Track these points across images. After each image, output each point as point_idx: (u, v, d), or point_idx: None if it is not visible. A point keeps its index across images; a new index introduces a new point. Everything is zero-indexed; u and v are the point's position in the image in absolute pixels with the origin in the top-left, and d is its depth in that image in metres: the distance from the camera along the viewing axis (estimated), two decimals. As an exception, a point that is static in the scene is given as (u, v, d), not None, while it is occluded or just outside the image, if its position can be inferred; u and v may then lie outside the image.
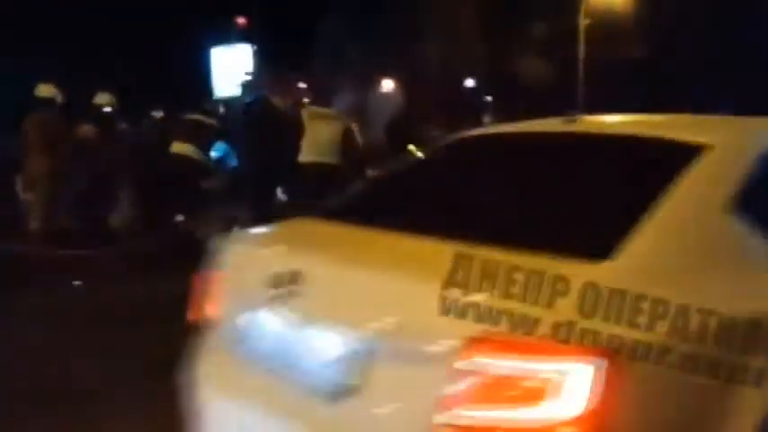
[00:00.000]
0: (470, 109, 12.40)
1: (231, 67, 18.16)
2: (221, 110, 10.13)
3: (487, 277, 1.55)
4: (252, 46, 20.04)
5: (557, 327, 1.44)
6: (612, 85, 17.09)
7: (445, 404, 1.49)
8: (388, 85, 14.56)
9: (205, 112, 7.78)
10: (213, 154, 7.80)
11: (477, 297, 1.51)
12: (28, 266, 6.17)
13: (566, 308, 1.46)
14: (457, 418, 1.48)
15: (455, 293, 1.53)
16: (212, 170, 7.56)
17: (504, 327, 1.47)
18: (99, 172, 8.04)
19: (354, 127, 6.89)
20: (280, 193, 6.30)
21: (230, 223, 7.42)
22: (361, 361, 1.65)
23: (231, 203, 7.04)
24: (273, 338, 1.92)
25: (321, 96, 8.37)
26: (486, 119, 13.36)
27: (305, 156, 6.10)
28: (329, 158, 6.14)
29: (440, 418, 1.49)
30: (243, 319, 2.03)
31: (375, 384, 1.62)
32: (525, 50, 20.15)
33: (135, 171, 8.30)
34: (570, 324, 1.44)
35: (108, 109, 8.39)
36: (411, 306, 1.61)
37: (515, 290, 1.51)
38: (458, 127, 11.93)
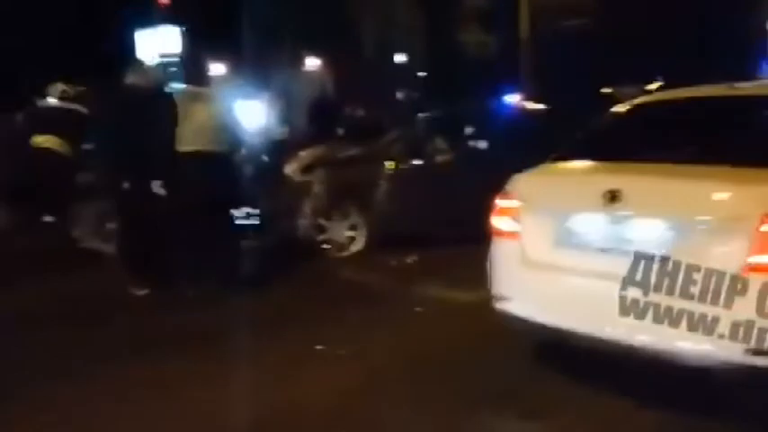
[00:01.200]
0: (396, 86, 11.72)
1: (158, 51, 17.06)
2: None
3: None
4: (180, 27, 18.87)
5: None
6: (556, 56, 16.43)
7: (754, 251, 2.72)
8: (312, 63, 13.69)
9: (67, 98, 6.82)
10: (87, 145, 6.86)
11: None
12: None
13: None
14: (762, 259, 2.73)
15: (753, 188, 2.85)
16: (84, 163, 6.67)
17: None
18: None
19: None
20: (156, 188, 5.40)
21: (105, 220, 6.63)
22: (682, 236, 2.93)
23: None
24: (604, 231, 3.15)
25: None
26: (415, 96, 12.67)
27: (183, 144, 5.22)
28: (211, 146, 5.27)
29: (751, 260, 2.74)
30: (569, 223, 3.28)
31: (693, 250, 2.88)
32: (465, 23, 19.40)
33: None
34: None
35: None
36: (718, 199, 2.93)
37: None
38: (383, 106, 11.25)
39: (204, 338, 4.30)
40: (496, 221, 3.56)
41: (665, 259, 2.88)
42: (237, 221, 6.33)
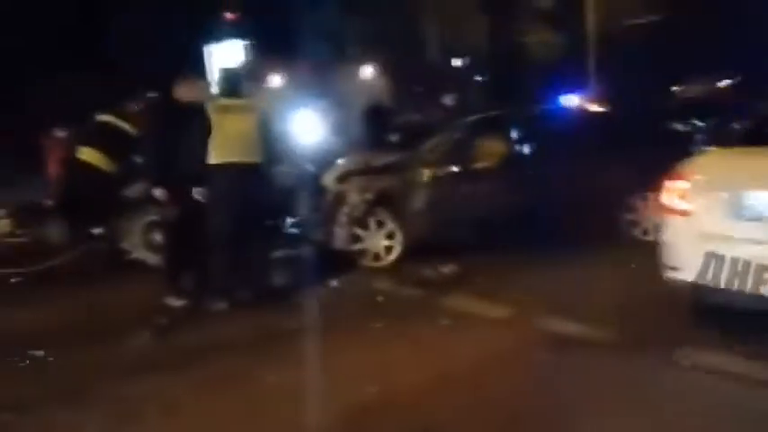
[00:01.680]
0: (454, 90, 11.48)
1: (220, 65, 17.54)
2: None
3: None
4: (244, 41, 19.33)
5: None
6: (624, 55, 15.76)
7: None
8: (369, 70, 13.65)
9: (119, 113, 7.02)
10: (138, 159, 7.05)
11: None
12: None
13: None
14: None
15: None
16: (130, 178, 6.87)
17: None
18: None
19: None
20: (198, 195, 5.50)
21: (152, 232, 6.80)
22: None
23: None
24: None
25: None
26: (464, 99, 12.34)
27: (216, 157, 5.26)
28: (244, 158, 5.29)
29: None
30: (744, 199, 3.88)
31: None
32: (529, 23, 18.92)
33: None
34: None
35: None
36: None
37: None
38: (437, 111, 11.05)
39: (224, 351, 4.32)
40: (669, 201, 4.20)
41: None
42: (273, 232, 6.36)
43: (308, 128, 11.07)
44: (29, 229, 8.98)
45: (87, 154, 6.87)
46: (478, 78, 16.02)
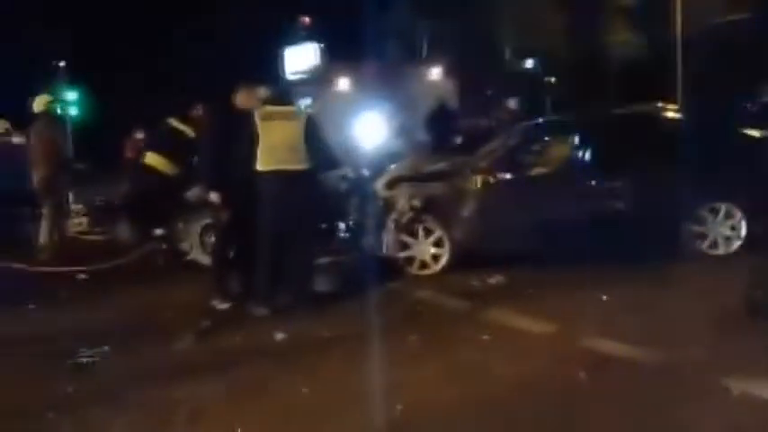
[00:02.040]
0: (521, 92, 11.18)
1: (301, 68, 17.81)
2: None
3: None
4: (319, 44, 19.58)
5: None
6: (711, 57, 14.96)
7: None
8: (436, 70, 13.50)
9: (184, 118, 7.22)
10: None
11: None
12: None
13: None
14: None
15: None
16: (191, 181, 7.05)
17: None
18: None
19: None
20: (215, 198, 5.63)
21: (208, 232, 6.96)
22: None
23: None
24: None
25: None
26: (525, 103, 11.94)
27: (262, 163, 5.32)
28: (289, 164, 5.30)
29: None
30: None
31: None
32: (611, 23, 18.25)
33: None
34: None
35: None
36: None
37: None
38: (502, 115, 10.77)
39: (259, 358, 4.33)
40: None
41: None
42: (324, 237, 6.36)
43: (371, 131, 11.10)
44: (103, 228, 9.42)
45: (151, 158, 7.12)
46: (551, 80, 15.57)
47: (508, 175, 6.22)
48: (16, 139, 9.47)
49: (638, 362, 3.89)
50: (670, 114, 8.80)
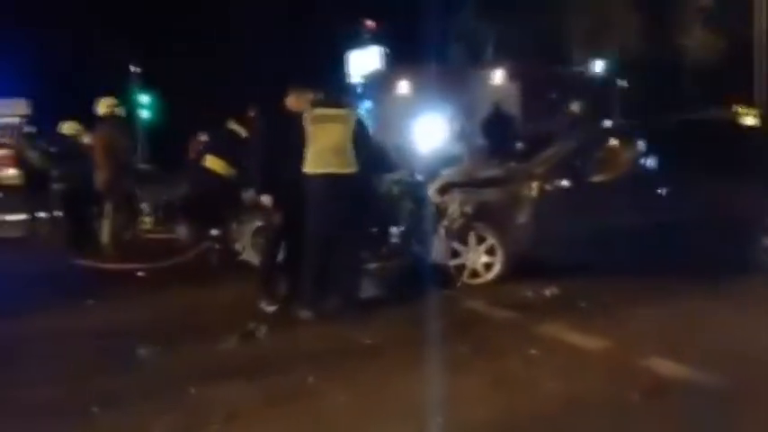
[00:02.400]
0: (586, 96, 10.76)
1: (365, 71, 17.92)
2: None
3: None
4: (383, 47, 19.68)
5: None
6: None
7: None
8: (498, 73, 13.21)
9: (241, 120, 7.30)
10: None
11: None
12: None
13: None
14: None
15: None
16: (247, 183, 7.13)
17: None
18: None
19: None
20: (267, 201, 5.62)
21: (260, 233, 7.00)
22: None
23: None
24: None
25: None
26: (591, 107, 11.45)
27: (310, 166, 5.29)
28: (337, 168, 5.26)
29: None
30: None
31: None
32: (686, 24, 17.51)
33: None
34: None
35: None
36: None
37: None
38: (565, 119, 10.43)
39: (300, 362, 4.26)
40: None
41: None
42: (374, 241, 6.28)
43: (430, 134, 10.97)
44: (165, 227, 9.66)
45: (210, 161, 7.21)
46: (621, 83, 14.97)
47: (566, 182, 5.98)
48: (86, 140, 9.80)
49: (698, 386, 3.63)
50: (745, 120, 8.33)
